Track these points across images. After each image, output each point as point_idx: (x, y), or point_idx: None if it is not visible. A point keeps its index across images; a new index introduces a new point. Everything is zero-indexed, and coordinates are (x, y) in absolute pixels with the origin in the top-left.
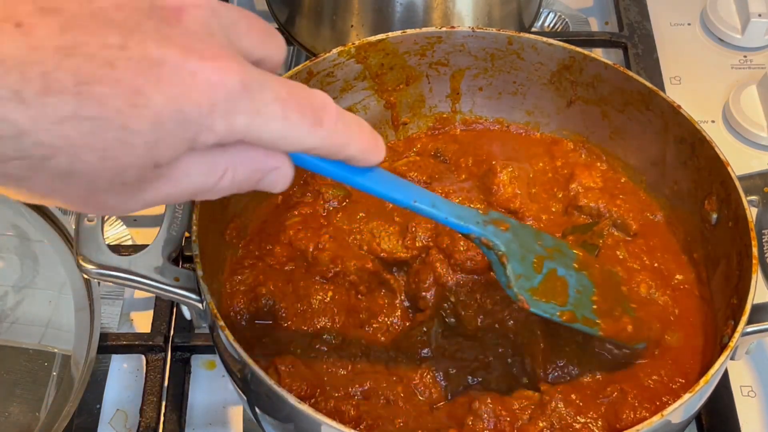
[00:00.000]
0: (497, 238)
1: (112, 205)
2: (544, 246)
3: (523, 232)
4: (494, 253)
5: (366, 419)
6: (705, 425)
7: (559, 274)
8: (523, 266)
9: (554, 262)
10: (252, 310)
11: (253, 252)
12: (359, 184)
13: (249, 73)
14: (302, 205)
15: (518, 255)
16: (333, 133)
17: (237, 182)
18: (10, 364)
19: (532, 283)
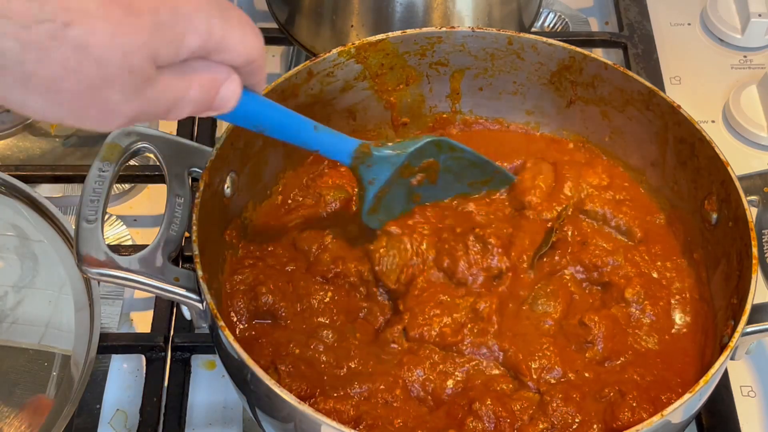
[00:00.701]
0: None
1: (118, 104)
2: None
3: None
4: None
5: (366, 419)
6: (705, 425)
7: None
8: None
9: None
10: (252, 310)
11: (253, 252)
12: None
13: None
14: (304, 207)
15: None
16: (259, 43)
17: (201, 94)
18: (10, 364)
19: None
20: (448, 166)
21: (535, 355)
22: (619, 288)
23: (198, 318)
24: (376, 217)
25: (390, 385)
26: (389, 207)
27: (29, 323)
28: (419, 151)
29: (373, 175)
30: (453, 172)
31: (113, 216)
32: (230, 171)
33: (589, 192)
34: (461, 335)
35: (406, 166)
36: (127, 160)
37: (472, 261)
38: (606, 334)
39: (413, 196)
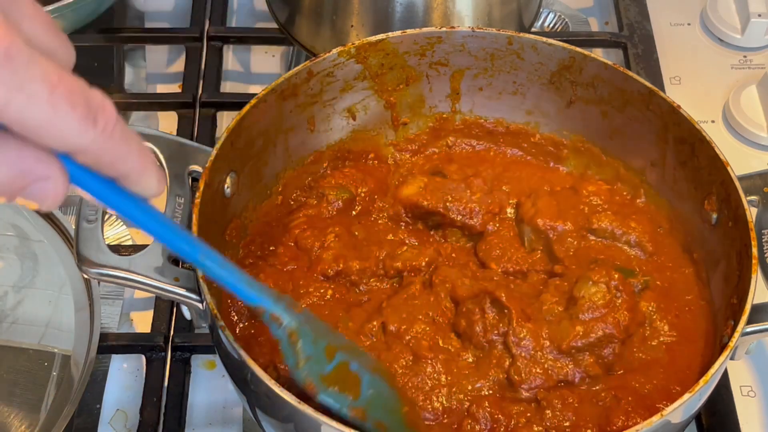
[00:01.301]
0: (290, 316)
1: None
2: (338, 341)
3: (316, 321)
4: (284, 330)
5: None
6: (705, 425)
7: (351, 368)
8: (315, 349)
9: (346, 355)
10: (252, 309)
11: (254, 252)
12: (136, 216)
13: (16, 43)
14: (306, 207)
15: (310, 337)
16: (108, 138)
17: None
18: (10, 364)
19: (322, 369)
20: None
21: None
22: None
23: (198, 318)
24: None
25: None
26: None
27: (29, 323)
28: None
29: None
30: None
31: (113, 216)
32: (230, 171)
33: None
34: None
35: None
36: None
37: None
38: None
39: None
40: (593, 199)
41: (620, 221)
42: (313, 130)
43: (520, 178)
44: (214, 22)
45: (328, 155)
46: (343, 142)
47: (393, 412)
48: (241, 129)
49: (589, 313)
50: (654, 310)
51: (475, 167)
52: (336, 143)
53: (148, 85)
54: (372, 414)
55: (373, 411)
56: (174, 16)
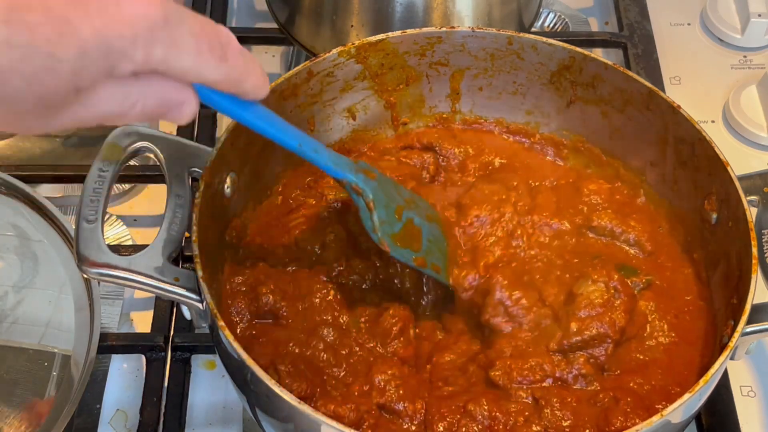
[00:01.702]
0: (366, 186)
1: (32, 125)
2: (402, 196)
3: (386, 183)
4: (363, 199)
5: (367, 419)
6: (705, 425)
7: (415, 222)
8: (387, 213)
9: (412, 212)
10: (253, 310)
11: (255, 253)
12: (250, 120)
13: (170, 7)
14: (306, 207)
15: (383, 202)
16: (234, 67)
17: (147, 112)
18: (10, 364)
19: (393, 229)
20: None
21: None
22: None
23: (198, 318)
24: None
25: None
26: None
27: (29, 323)
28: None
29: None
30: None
31: (113, 216)
32: (230, 171)
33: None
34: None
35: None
36: (127, 160)
37: None
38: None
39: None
40: (593, 198)
41: (620, 219)
42: (313, 130)
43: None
44: (215, 21)
45: None
46: (343, 142)
47: (442, 253)
48: (241, 129)
49: (585, 311)
50: (653, 310)
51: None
52: (336, 143)
53: None
54: (429, 259)
55: (430, 257)
56: None
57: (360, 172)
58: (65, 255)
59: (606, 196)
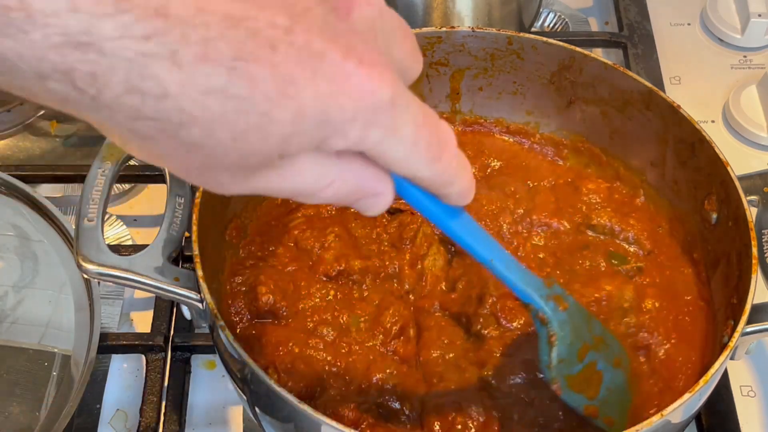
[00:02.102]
0: (555, 316)
1: (222, 183)
2: (592, 333)
3: (578, 315)
4: (546, 330)
5: (366, 418)
6: (705, 425)
7: (598, 367)
8: (569, 352)
9: (597, 354)
10: (252, 310)
11: (255, 253)
12: (449, 227)
13: (399, 88)
14: (305, 207)
15: (568, 340)
16: (446, 169)
17: (339, 195)
18: (10, 364)
19: (570, 371)
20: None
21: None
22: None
23: (198, 318)
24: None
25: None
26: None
27: (29, 323)
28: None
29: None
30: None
31: (113, 216)
32: None
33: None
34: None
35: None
36: (127, 160)
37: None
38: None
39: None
40: (592, 197)
41: (619, 218)
42: None
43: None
44: None
45: None
46: None
47: (623, 408)
48: None
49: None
50: (655, 309)
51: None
52: None
53: None
54: (604, 410)
55: (606, 407)
56: None
57: (551, 300)
58: (65, 255)
59: (605, 195)
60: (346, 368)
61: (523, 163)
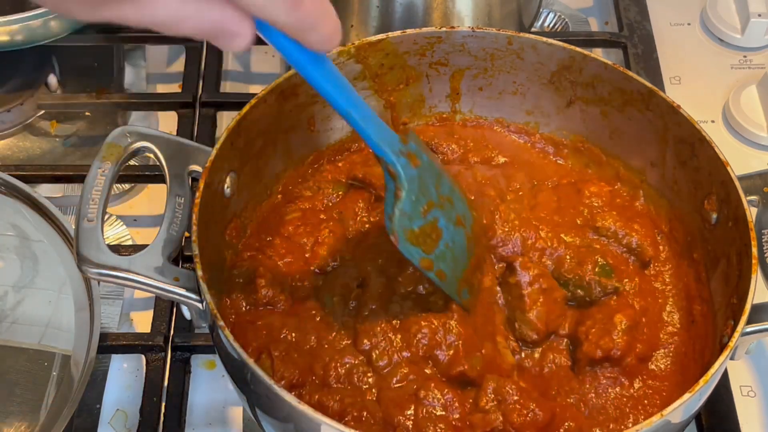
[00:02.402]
0: (404, 172)
1: (73, 9)
2: (440, 192)
3: (429, 173)
4: (394, 184)
5: (351, 411)
6: (705, 425)
7: (439, 224)
8: (413, 207)
9: (441, 212)
10: (251, 302)
11: (252, 244)
12: (310, 73)
13: None
14: (302, 199)
15: (414, 194)
16: (306, 16)
17: (198, 30)
18: (10, 364)
19: (411, 225)
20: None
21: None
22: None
23: (198, 318)
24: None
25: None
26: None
27: (29, 323)
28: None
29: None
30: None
31: (113, 216)
32: (230, 171)
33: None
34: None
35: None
36: (127, 160)
37: None
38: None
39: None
40: (594, 200)
41: (624, 222)
42: (313, 129)
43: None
44: None
45: (328, 155)
46: (343, 142)
47: (457, 263)
48: (240, 129)
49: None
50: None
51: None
52: (336, 143)
53: (148, 85)
54: (438, 264)
55: (440, 262)
56: None
57: (403, 156)
58: (65, 255)
59: (607, 198)
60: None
61: (527, 161)
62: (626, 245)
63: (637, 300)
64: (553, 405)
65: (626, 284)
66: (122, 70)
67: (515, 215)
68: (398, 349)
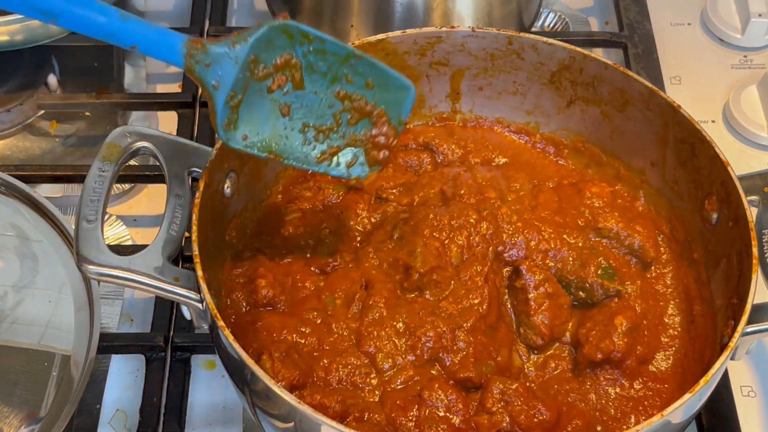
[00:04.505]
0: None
1: None
2: (276, 62)
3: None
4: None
5: (353, 412)
6: (705, 425)
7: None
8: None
9: (281, 92)
10: (251, 302)
11: (252, 244)
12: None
13: None
14: (301, 199)
15: (228, 91)
16: None
17: None
18: (10, 364)
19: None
20: (311, 63)
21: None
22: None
23: (198, 318)
24: (237, 134)
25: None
26: (252, 121)
27: (29, 323)
28: (265, 43)
29: (215, 77)
30: (321, 71)
31: (113, 216)
32: (230, 171)
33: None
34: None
35: (256, 63)
36: (127, 160)
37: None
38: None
39: (280, 108)
40: (595, 201)
41: (626, 223)
42: None
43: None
44: (214, 21)
45: None
46: None
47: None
48: None
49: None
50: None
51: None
52: None
53: (148, 85)
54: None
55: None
56: (174, 16)
57: (197, 58)
58: (65, 255)
59: (608, 199)
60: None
61: (527, 161)
62: (628, 246)
63: (638, 302)
64: (559, 404)
65: (628, 287)
66: (122, 70)
67: (517, 216)
68: (403, 352)
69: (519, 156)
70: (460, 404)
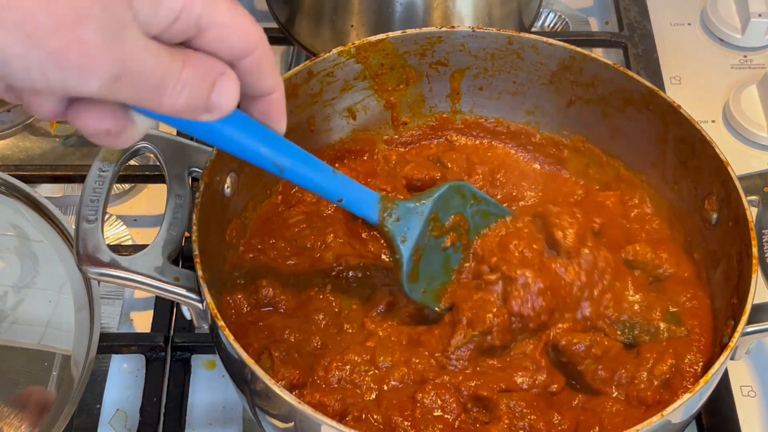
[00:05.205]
0: (396, 234)
1: (91, 53)
2: (440, 227)
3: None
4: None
5: (352, 411)
6: (705, 425)
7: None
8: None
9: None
10: (252, 303)
11: (255, 246)
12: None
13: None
14: (304, 204)
15: (412, 250)
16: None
17: (196, 80)
18: (10, 364)
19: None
20: (477, 224)
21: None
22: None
23: (198, 318)
24: (418, 288)
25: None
26: (429, 276)
27: (29, 323)
28: (444, 200)
29: (403, 231)
30: (479, 233)
31: (113, 216)
32: (230, 171)
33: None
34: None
35: (435, 220)
36: (127, 160)
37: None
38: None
39: (449, 266)
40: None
41: (652, 250)
42: (313, 130)
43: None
44: None
45: (328, 155)
46: (344, 142)
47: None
48: None
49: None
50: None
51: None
52: (336, 143)
53: None
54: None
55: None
56: None
57: (390, 215)
58: (65, 255)
59: (619, 211)
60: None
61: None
62: (663, 272)
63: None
64: (576, 413)
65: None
66: None
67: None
68: (405, 353)
69: (515, 168)
70: (454, 404)
